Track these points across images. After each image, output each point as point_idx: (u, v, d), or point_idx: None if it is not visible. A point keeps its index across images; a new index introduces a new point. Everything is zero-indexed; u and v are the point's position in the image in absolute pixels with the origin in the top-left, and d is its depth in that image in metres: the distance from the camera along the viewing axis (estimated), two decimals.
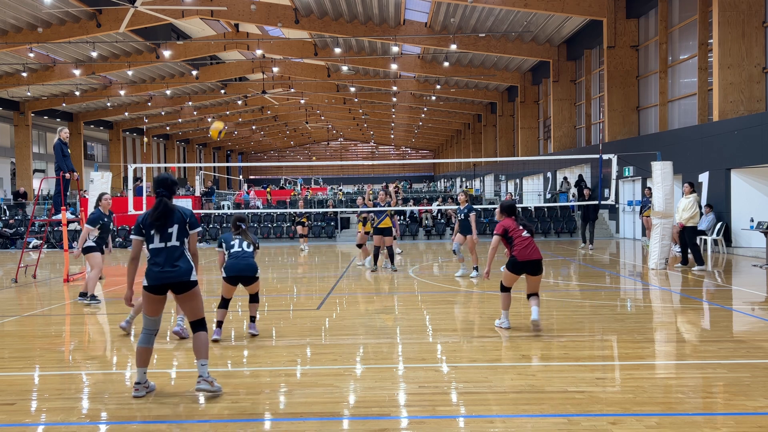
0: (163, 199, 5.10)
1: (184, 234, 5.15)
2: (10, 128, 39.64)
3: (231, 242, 7.17)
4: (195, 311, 5.18)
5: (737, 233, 16.47)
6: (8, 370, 6.06)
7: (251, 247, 7.19)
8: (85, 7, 24.80)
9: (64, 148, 12.95)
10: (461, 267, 12.90)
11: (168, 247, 5.09)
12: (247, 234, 7.22)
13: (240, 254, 7.09)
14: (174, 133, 58.19)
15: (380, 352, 6.46)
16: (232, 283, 7.09)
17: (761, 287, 10.72)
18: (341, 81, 38.76)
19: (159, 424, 4.49)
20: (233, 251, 7.11)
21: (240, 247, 7.12)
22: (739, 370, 5.51)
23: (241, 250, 7.10)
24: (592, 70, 27.76)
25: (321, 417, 4.53)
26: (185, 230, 5.15)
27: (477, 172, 47.19)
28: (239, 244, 7.14)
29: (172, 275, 5.06)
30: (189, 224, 5.18)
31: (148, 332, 5.18)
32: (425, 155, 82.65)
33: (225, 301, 7.18)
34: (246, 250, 7.12)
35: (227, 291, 7.16)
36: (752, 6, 16.63)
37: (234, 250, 7.11)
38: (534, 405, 4.69)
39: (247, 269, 7.06)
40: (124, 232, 25.47)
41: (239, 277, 7.06)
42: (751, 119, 15.74)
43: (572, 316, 8.23)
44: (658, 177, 13.22)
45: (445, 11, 25.93)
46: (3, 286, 12.86)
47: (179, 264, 5.08)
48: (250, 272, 7.08)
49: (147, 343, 5.15)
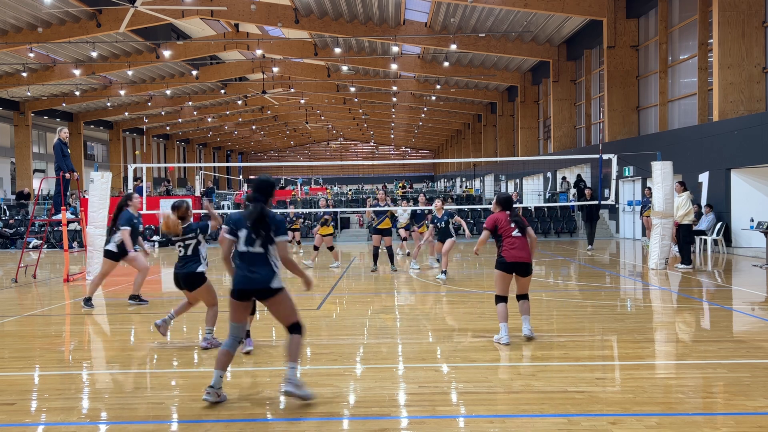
0: (259, 204, 4.93)
1: (269, 241, 4.91)
2: (10, 128, 39.65)
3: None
4: (284, 317, 4.99)
5: (737, 233, 16.47)
6: (8, 370, 6.06)
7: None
8: (85, 7, 24.80)
9: (63, 148, 12.95)
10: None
11: (250, 253, 4.94)
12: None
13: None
14: (174, 133, 58.19)
15: (380, 352, 6.46)
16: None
17: (761, 287, 10.72)
18: (341, 81, 38.76)
19: (159, 424, 4.49)
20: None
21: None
22: (739, 370, 5.51)
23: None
24: (592, 70, 27.76)
25: (321, 417, 4.53)
26: (270, 238, 4.92)
27: (477, 172, 47.19)
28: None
29: (251, 282, 4.89)
30: (275, 231, 4.92)
31: (234, 339, 5.00)
32: (425, 155, 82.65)
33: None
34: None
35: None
36: (752, 6, 16.63)
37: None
38: (534, 405, 4.69)
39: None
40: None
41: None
42: (751, 119, 15.74)
43: (572, 316, 8.23)
44: (658, 177, 13.22)
45: (445, 11, 25.93)
46: (3, 286, 12.86)
47: (259, 271, 4.89)
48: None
49: (231, 347, 4.95)
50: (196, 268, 6.58)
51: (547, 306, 8.99)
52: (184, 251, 6.63)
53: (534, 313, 8.42)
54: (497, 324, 7.83)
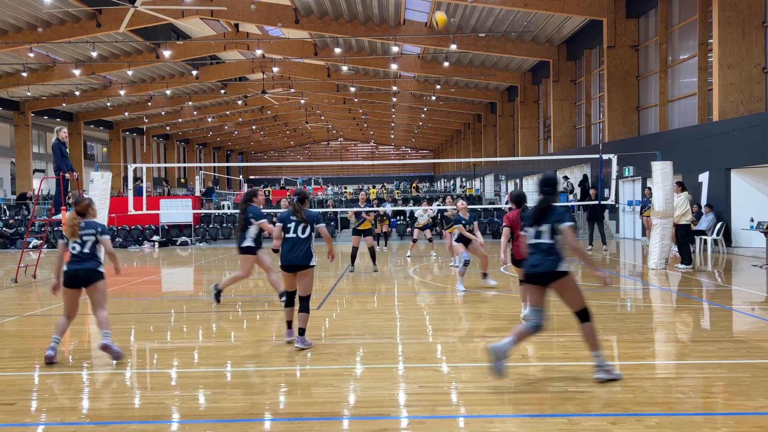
0: (547, 197, 5.45)
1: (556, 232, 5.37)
2: (10, 128, 39.65)
3: (288, 224, 6.65)
4: (574, 301, 5.52)
5: (737, 233, 16.47)
6: (8, 370, 6.06)
7: (307, 232, 6.63)
8: (85, 7, 24.80)
9: (62, 148, 12.93)
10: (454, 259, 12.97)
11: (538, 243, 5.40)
12: (300, 212, 6.65)
13: (293, 240, 6.58)
14: (174, 133, 58.20)
15: (380, 352, 6.46)
16: (289, 272, 6.64)
17: (761, 287, 10.72)
18: (341, 81, 38.76)
19: (159, 424, 4.49)
20: (288, 236, 6.61)
21: (294, 233, 6.61)
22: (739, 370, 5.51)
23: (295, 236, 6.59)
24: (592, 70, 27.76)
25: (321, 417, 4.53)
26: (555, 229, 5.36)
27: (477, 172, 47.19)
28: (295, 227, 6.63)
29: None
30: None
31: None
32: (425, 155, 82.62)
33: (289, 297, 6.79)
34: (300, 236, 6.60)
35: (287, 281, 6.73)
36: (752, 6, 16.63)
37: (289, 235, 6.61)
38: (534, 405, 4.69)
39: (300, 257, 6.56)
40: (124, 233, 25.47)
41: (291, 265, 6.59)
42: (751, 119, 15.74)
43: (572, 316, 8.21)
44: (658, 177, 13.22)
45: (445, 11, 25.91)
46: (3, 286, 12.86)
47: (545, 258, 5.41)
48: (303, 261, 6.56)
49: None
50: (97, 267, 6.36)
51: (546, 306, 8.97)
52: (80, 248, 6.31)
53: None
54: (497, 324, 7.85)
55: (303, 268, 6.56)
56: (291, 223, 6.60)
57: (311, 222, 6.65)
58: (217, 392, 5.14)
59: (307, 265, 6.56)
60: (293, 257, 6.54)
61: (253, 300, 10.36)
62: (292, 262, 6.55)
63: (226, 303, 9.99)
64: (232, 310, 9.39)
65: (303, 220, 6.60)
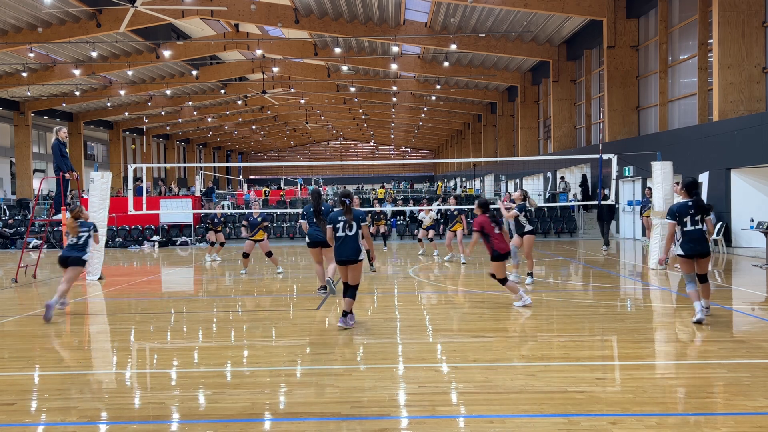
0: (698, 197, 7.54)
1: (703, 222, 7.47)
2: (10, 128, 39.65)
3: (337, 224, 7.38)
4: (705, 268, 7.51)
5: (737, 233, 16.47)
6: (8, 370, 6.06)
7: (354, 229, 7.36)
8: (85, 7, 24.80)
9: (62, 148, 12.93)
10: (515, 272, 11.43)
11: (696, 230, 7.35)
12: (350, 210, 7.38)
13: (343, 238, 7.34)
14: (174, 133, 58.20)
15: (380, 352, 6.46)
16: (343, 265, 7.41)
17: (761, 287, 10.72)
18: (341, 81, 38.76)
19: (159, 424, 4.49)
20: (338, 235, 7.37)
21: (344, 231, 7.34)
22: (739, 370, 5.51)
23: (344, 234, 7.34)
24: (592, 70, 27.76)
25: (321, 417, 4.53)
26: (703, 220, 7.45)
27: (477, 172, 47.20)
28: (344, 227, 7.35)
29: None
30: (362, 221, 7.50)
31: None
32: (425, 155, 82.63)
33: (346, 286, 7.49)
34: (349, 233, 7.34)
35: (343, 274, 7.48)
36: (752, 6, 16.63)
37: (339, 234, 7.36)
38: (534, 405, 4.69)
39: (350, 252, 7.32)
40: (124, 233, 25.47)
41: (343, 260, 7.36)
42: (751, 119, 15.74)
43: (572, 316, 8.23)
44: (658, 177, 13.22)
45: (445, 11, 25.93)
46: (3, 286, 12.86)
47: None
48: (353, 255, 7.33)
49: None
50: (82, 255, 8.74)
51: (547, 306, 8.99)
52: (77, 240, 8.71)
53: (534, 313, 8.44)
54: (497, 324, 7.86)
55: (353, 263, 7.36)
56: (339, 224, 7.36)
57: (357, 220, 7.40)
58: (217, 392, 5.14)
59: (357, 260, 7.37)
60: (344, 253, 7.35)
61: (253, 300, 10.36)
62: (342, 258, 7.35)
63: (226, 303, 10.00)
64: (232, 310, 9.40)
65: (351, 219, 7.36)
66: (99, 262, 13.22)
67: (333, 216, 7.44)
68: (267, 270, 14.71)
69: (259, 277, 13.55)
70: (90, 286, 12.30)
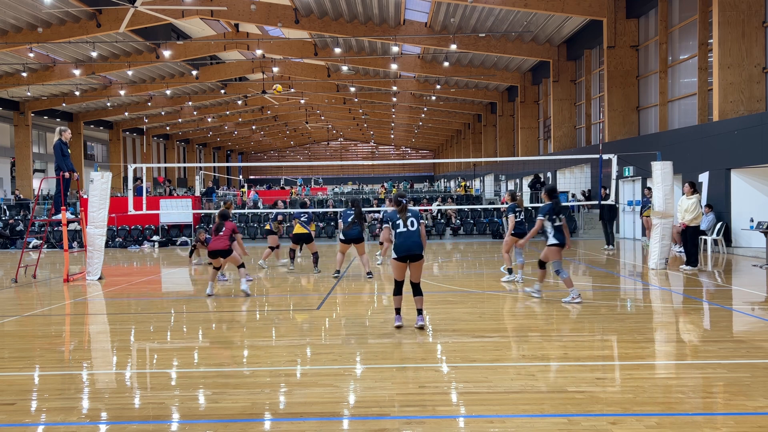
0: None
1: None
2: (10, 128, 39.66)
3: (397, 221, 7.37)
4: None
5: (737, 233, 16.47)
6: (8, 370, 6.06)
7: (415, 225, 7.38)
8: (85, 7, 24.80)
9: (64, 148, 12.94)
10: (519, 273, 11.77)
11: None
12: (405, 210, 7.40)
13: (406, 233, 7.32)
14: (174, 133, 58.20)
15: (380, 352, 6.46)
16: (403, 262, 7.35)
17: (761, 287, 10.72)
18: (341, 81, 38.76)
19: (159, 424, 4.49)
20: (399, 231, 7.35)
21: (405, 227, 7.33)
22: (739, 370, 5.51)
23: (406, 229, 7.33)
24: (592, 70, 27.76)
25: (321, 417, 4.53)
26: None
27: (477, 172, 47.19)
28: (404, 222, 7.36)
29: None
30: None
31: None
32: (425, 155, 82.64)
33: (399, 285, 7.48)
34: (411, 229, 7.34)
35: (398, 271, 7.40)
36: (752, 6, 16.63)
37: (400, 230, 7.35)
38: (534, 405, 4.69)
39: (416, 247, 7.29)
40: (124, 233, 25.46)
41: (409, 255, 7.29)
42: (751, 119, 15.74)
43: (572, 316, 8.23)
44: (658, 177, 13.21)
45: (445, 11, 25.93)
46: (3, 286, 12.86)
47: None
48: (418, 250, 7.31)
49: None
50: None
51: (547, 306, 8.99)
52: None
53: (534, 313, 8.44)
54: (498, 324, 7.86)
55: (418, 258, 7.33)
56: (399, 220, 7.37)
57: (417, 217, 7.48)
58: (217, 392, 5.14)
59: (421, 254, 7.35)
60: (409, 248, 7.28)
61: (253, 300, 10.36)
62: (408, 252, 7.26)
63: (226, 303, 10.00)
64: (232, 309, 9.40)
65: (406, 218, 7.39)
66: (99, 262, 13.22)
67: (390, 215, 7.47)
68: (267, 270, 14.71)
69: (258, 277, 13.54)
70: (90, 286, 12.30)
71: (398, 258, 7.34)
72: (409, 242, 7.28)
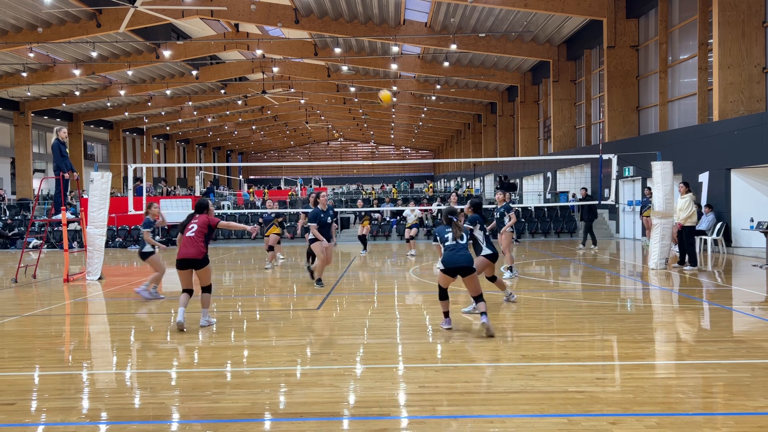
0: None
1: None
2: (10, 128, 39.65)
3: (445, 235, 7.44)
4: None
5: (737, 233, 16.47)
6: (8, 370, 6.06)
7: (464, 239, 7.43)
8: (85, 7, 24.80)
9: (62, 148, 12.93)
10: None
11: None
12: (458, 226, 7.47)
13: (455, 246, 7.32)
14: (174, 133, 58.19)
15: (380, 352, 6.46)
16: (450, 275, 7.33)
17: (761, 287, 10.72)
18: (341, 81, 38.75)
19: (159, 424, 4.49)
20: (448, 244, 7.37)
21: (454, 240, 7.37)
22: (739, 370, 5.51)
23: (455, 242, 7.35)
24: (592, 70, 27.76)
25: (321, 417, 4.53)
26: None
27: (477, 172, 47.19)
28: (453, 236, 7.41)
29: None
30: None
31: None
32: (425, 155, 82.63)
33: (443, 291, 7.49)
34: (460, 242, 7.36)
35: (445, 281, 7.43)
36: (752, 6, 16.63)
37: (448, 243, 7.37)
38: (534, 405, 4.69)
39: (463, 260, 7.25)
40: (124, 233, 25.46)
41: (457, 268, 7.26)
42: (751, 119, 15.74)
43: (572, 316, 8.23)
44: (658, 177, 13.21)
45: (445, 11, 25.93)
46: (3, 286, 12.86)
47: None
48: (466, 263, 7.25)
49: None
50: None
51: (547, 306, 8.99)
52: None
53: (534, 313, 8.44)
54: (497, 324, 7.86)
55: (468, 271, 7.19)
56: (448, 233, 7.40)
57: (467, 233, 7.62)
58: (217, 392, 5.14)
59: (471, 267, 7.23)
60: (456, 260, 7.20)
61: (253, 300, 10.37)
62: (455, 265, 7.19)
63: (226, 303, 10.00)
64: (231, 309, 9.40)
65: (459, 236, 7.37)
66: (99, 262, 13.22)
67: (439, 230, 7.52)
68: (266, 270, 14.71)
69: (259, 277, 13.54)
70: (90, 286, 12.30)
71: (445, 270, 7.31)
72: (456, 255, 7.23)
